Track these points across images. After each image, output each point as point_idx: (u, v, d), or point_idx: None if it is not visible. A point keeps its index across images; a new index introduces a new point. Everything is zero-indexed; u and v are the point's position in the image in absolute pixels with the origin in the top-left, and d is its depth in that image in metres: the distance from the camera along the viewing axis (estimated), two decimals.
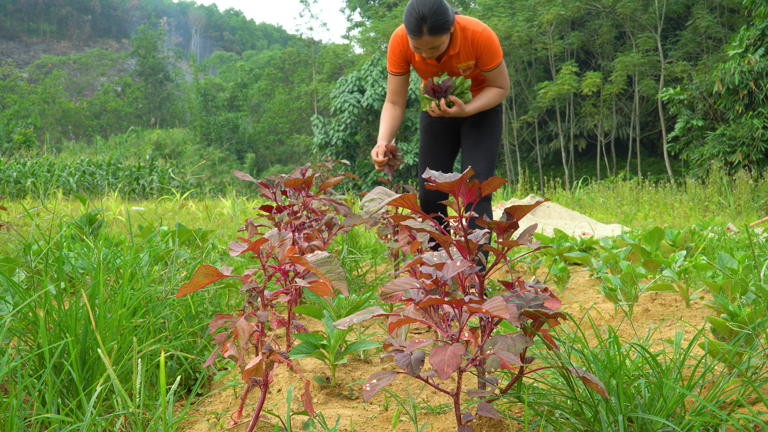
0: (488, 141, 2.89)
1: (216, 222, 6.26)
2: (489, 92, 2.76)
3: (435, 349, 0.97)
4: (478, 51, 2.65)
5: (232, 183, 22.08)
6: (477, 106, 2.70)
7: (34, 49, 79.36)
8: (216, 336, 1.20)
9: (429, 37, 2.50)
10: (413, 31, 2.51)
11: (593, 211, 10.64)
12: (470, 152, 2.89)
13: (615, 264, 2.71)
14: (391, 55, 2.86)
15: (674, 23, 28.53)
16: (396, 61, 2.84)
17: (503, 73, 2.76)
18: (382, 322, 2.13)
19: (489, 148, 2.88)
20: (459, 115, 2.66)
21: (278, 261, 1.18)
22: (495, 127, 2.92)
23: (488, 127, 2.90)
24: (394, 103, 2.96)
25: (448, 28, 2.52)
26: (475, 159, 2.85)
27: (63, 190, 12.84)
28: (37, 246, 2.46)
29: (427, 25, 2.47)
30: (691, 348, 1.43)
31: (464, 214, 1.19)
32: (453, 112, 2.64)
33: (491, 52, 2.66)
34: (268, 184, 2.06)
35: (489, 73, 2.72)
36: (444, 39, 2.55)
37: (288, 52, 45.82)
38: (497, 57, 2.69)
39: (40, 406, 1.13)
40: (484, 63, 2.68)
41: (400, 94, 2.93)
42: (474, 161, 2.84)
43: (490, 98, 2.75)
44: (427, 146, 3.04)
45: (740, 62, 13.73)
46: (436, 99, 2.64)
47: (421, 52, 2.61)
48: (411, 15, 2.50)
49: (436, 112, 2.64)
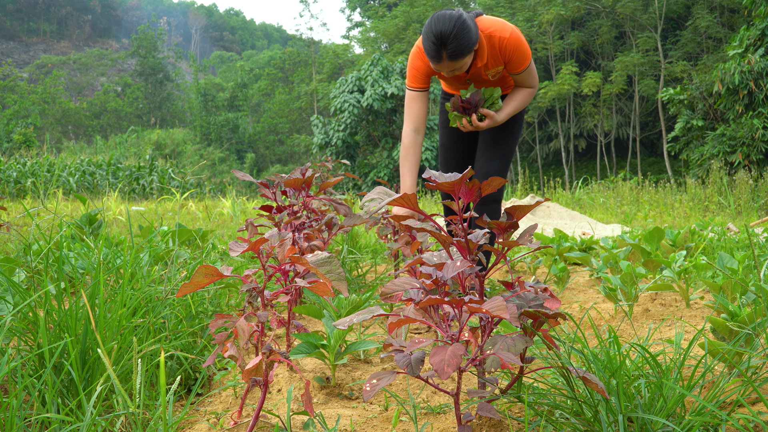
0: (507, 140, 2.72)
1: (216, 222, 6.26)
2: (519, 95, 2.58)
3: (435, 349, 0.97)
4: (506, 56, 2.45)
5: (232, 183, 22.08)
6: (509, 111, 2.54)
7: (34, 49, 79.35)
8: (216, 336, 1.20)
9: (449, 62, 2.27)
10: (432, 56, 2.27)
11: (593, 211, 10.64)
12: (487, 150, 2.72)
13: (615, 264, 2.71)
14: (412, 70, 2.57)
15: (674, 23, 28.52)
16: (420, 75, 2.56)
17: (533, 72, 2.57)
18: (382, 322, 2.13)
19: (507, 147, 2.72)
20: (492, 126, 2.51)
21: (278, 261, 1.18)
22: (516, 124, 2.75)
23: (509, 125, 2.73)
24: (417, 132, 2.60)
25: (472, 49, 2.28)
26: (491, 157, 2.69)
27: (63, 190, 12.84)
28: (37, 246, 2.46)
29: (448, 50, 2.23)
30: (691, 348, 1.44)
31: (464, 214, 1.19)
32: (485, 126, 2.47)
33: (521, 55, 2.46)
34: (268, 184, 2.06)
35: (519, 75, 2.54)
36: (467, 60, 2.31)
37: (288, 52, 45.82)
38: (527, 59, 2.49)
39: (40, 406, 1.13)
40: (514, 67, 2.49)
41: (423, 117, 2.61)
42: (490, 160, 2.69)
43: (521, 100, 2.58)
44: (450, 144, 2.86)
45: (740, 62, 13.73)
46: (467, 115, 2.47)
47: (442, 72, 2.41)
48: (429, 38, 2.24)
49: (468, 128, 2.48)
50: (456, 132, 2.82)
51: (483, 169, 2.69)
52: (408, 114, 2.61)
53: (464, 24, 2.22)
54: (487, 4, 29.87)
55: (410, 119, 2.60)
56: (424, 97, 2.60)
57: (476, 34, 2.28)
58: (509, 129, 2.72)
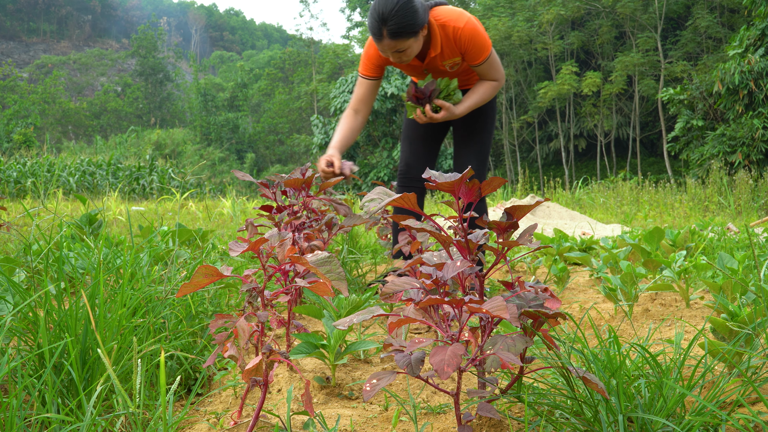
0: (481, 134, 2.70)
1: (216, 222, 6.26)
2: (481, 87, 2.53)
3: (435, 349, 0.97)
4: (462, 47, 2.40)
5: (232, 183, 22.09)
6: (469, 105, 2.49)
7: (34, 49, 79.37)
8: (216, 336, 1.20)
9: (390, 40, 2.25)
10: (373, 33, 2.28)
11: (593, 211, 10.64)
12: (462, 145, 2.71)
13: (615, 264, 2.71)
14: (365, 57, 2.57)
15: (674, 23, 28.54)
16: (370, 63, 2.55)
17: (494, 64, 2.51)
18: (382, 322, 2.13)
19: (481, 142, 2.70)
20: (448, 119, 2.47)
21: (278, 261, 1.18)
22: (489, 117, 2.70)
23: (481, 118, 2.69)
24: (356, 112, 2.64)
25: (416, 31, 2.26)
26: (466, 154, 2.68)
27: (63, 190, 12.84)
28: (37, 246, 2.46)
29: (388, 27, 2.22)
30: (691, 348, 1.44)
31: (464, 214, 1.19)
32: (441, 118, 2.43)
33: (478, 46, 2.40)
34: (268, 184, 2.06)
35: (479, 67, 2.48)
36: (411, 43, 2.28)
37: (288, 52, 45.85)
38: (485, 49, 2.43)
39: (40, 406, 1.13)
40: (471, 58, 2.44)
41: (366, 102, 2.62)
42: (467, 154, 2.68)
43: (483, 94, 2.52)
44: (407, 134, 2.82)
45: (740, 62, 13.74)
46: (421, 106, 2.44)
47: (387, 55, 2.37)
48: (372, 15, 2.25)
49: (423, 119, 2.45)
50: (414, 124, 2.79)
51: (462, 167, 2.68)
52: (352, 96, 2.65)
53: (408, 4, 2.21)
54: (487, 4, 29.89)
55: (353, 99, 2.64)
56: (372, 86, 2.59)
57: (423, 18, 2.26)
58: (479, 124, 2.68)
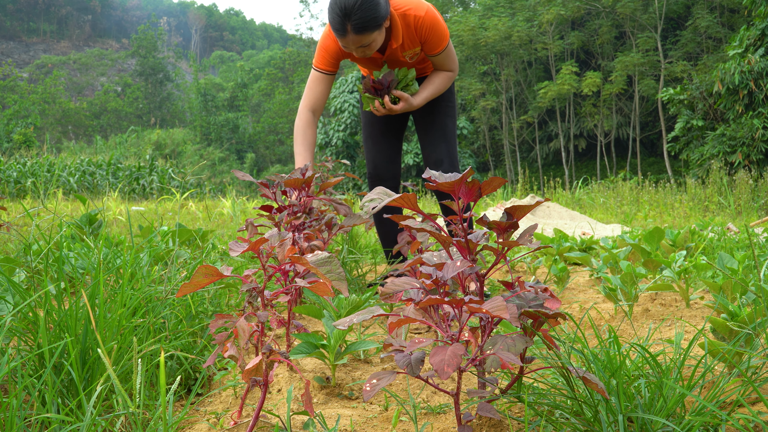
0: (444, 119, 2.62)
1: (216, 222, 6.26)
2: (437, 78, 2.48)
3: (435, 349, 0.97)
4: (422, 36, 2.35)
5: (232, 183, 22.09)
6: (426, 95, 2.44)
7: (34, 49, 79.39)
8: (216, 336, 1.20)
9: (355, 35, 2.18)
10: (337, 29, 2.19)
11: (593, 211, 10.64)
12: (427, 135, 2.64)
13: (615, 264, 2.71)
14: (321, 50, 2.44)
15: (674, 23, 28.53)
16: (329, 57, 2.43)
17: (451, 54, 2.47)
18: (382, 322, 2.13)
19: (445, 127, 2.62)
20: (407, 110, 2.42)
21: (278, 261, 1.18)
22: (449, 102, 2.64)
23: (442, 104, 2.62)
24: (314, 113, 2.49)
25: (380, 24, 2.19)
26: (434, 141, 2.61)
27: (63, 190, 12.84)
28: (37, 246, 2.46)
29: (352, 22, 2.15)
30: (691, 348, 1.44)
31: (464, 214, 1.19)
32: (399, 109, 2.38)
33: (437, 36, 2.36)
34: (268, 184, 2.06)
35: (436, 57, 2.43)
36: (375, 36, 2.22)
37: (288, 52, 45.86)
38: (444, 40, 2.39)
39: (40, 406, 1.13)
40: (430, 48, 2.39)
41: (323, 100, 2.51)
42: (433, 144, 2.61)
43: (440, 84, 2.47)
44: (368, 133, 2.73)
45: (740, 62, 13.74)
46: (379, 97, 2.39)
47: (351, 51, 2.29)
48: (333, 10, 2.16)
49: (381, 111, 2.40)
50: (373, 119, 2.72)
51: (431, 157, 2.63)
52: (307, 94, 2.49)
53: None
54: (487, 4, 29.89)
55: (308, 99, 2.48)
56: (328, 80, 2.48)
57: (385, 9, 2.21)
58: (441, 110, 2.63)
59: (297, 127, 2.47)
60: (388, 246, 2.88)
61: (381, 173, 2.74)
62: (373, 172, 2.76)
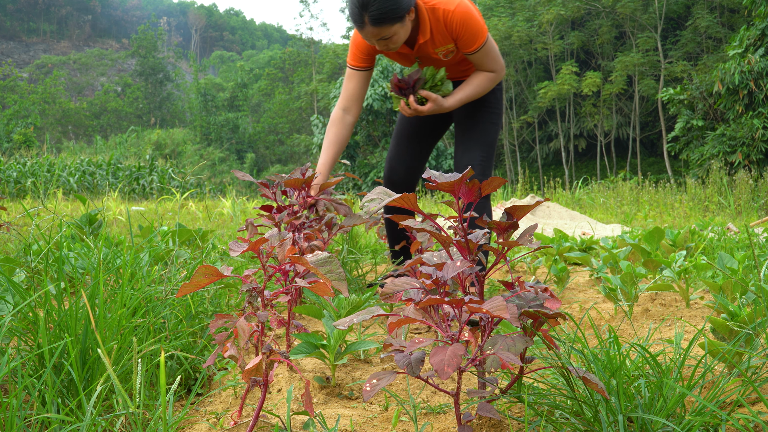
0: (484, 125, 2.46)
1: (216, 222, 6.26)
2: (476, 79, 2.31)
3: (435, 349, 0.97)
4: (454, 33, 2.20)
5: (232, 183, 22.09)
6: (460, 98, 2.28)
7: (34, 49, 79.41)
8: (216, 336, 1.20)
9: (372, 27, 2.07)
10: (355, 20, 2.09)
11: (593, 211, 10.64)
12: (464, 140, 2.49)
13: (615, 264, 2.71)
14: (352, 46, 2.35)
15: (674, 23, 28.54)
16: (359, 52, 2.34)
17: (491, 53, 2.28)
18: (382, 322, 2.13)
19: (486, 134, 2.46)
20: (436, 111, 2.26)
21: (278, 261, 1.18)
22: (493, 109, 2.49)
23: (485, 110, 2.47)
24: (346, 111, 2.40)
25: (400, 16, 2.07)
26: (470, 148, 2.44)
27: (63, 190, 12.85)
28: (37, 246, 2.46)
29: (369, 13, 2.04)
30: (691, 348, 1.44)
31: (464, 214, 1.19)
32: (427, 110, 2.23)
33: (471, 32, 2.19)
34: (268, 184, 2.06)
35: (473, 56, 2.26)
36: (396, 29, 2.10)
37: (288, 52, 45.88)
38: (480, 36, 2.21)
39: (40, 406, 1.13)
40: (464, 45, 2.22)
41: (358, 98, 2.40)
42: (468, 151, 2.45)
43: (478, 86, 2.30)
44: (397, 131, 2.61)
45: (740, 62, 13.74)
46: (404, 97, 2.25)
47: (372, 44, 2.19)
48: (351, 1, 2.08)
49: (408, 112, 2.26)
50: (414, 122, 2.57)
51: (462, 161, 2.47)
52: (341, 92, 2.42)
53: None
54: (488, 4, 29.91)
55: (341, 97, 2.41)
56: (362, 77, 2.38)
57: (408, 1, 2.09)
58: (481, 116, 2.47)
59: (328, 125, 2.43)
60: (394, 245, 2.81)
61: (394, 179, 2.62)
62: (387, 176, 2.65)
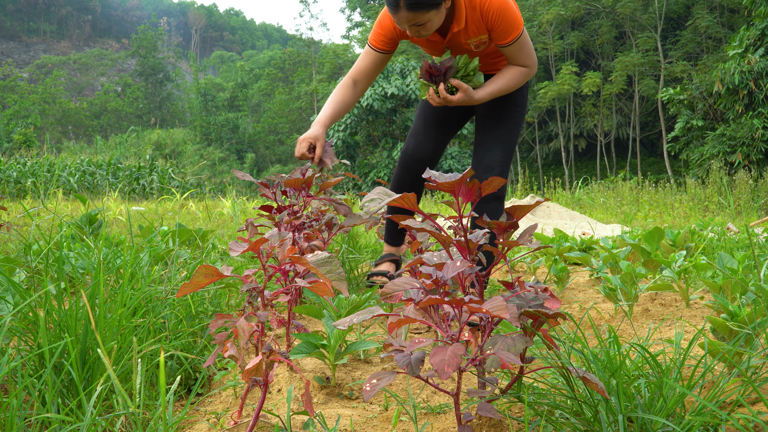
0: (508, 125, 2.39)
1: (216, 222, 6.26)
2: (508, 73, 2.24)
3: (435, 349, 0.97)
4: (489, 23, 2.13)
5: (232, 183, 22.09)
6: (491, 90, 2.21)
7: (34, 49, 79.42)
8: (216, 336, 1.20)
9: (407, 12, 2.01)
10: (389, 3, 2.02)
11: (593, 211, 10.64)
12: (485, 137, 2.42)
13: (615, 264, 2.71)
14: (378, 27, 2.30)
15: (674, 23, 28.55)
16: (383, 35, 2.28)
17: (525, 47, 2.21)
18: (382, 322, 2.13)
19: (509, 133, 2.39)
20: (466, 103, 2.19)
21: (278, 261, 1.18)
22: (517, 107, 2.42)
23: (510, 109, 2.40)
24: (355, 83, 2.36)
25: (437, 3, 2.01)
26: (492, 148, 2.38)
27: (63, 190, 12.85)
28: (37, 246, 2.46)
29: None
30: (691, 348, 1.44)
31: (465, 213, 1.19)
32: (456, 100, 2.16)
33: (507, 23, 2.12)
34: (268, 184, 2.06)
35: (506, 48, 2.19)
36: (431, 16, 2.04)
37: (288, 52, 45.87)
38: (516, 29, 2.14)
39: (40, 406, 1.13)
40: (498, 37, 2.16)
41: (369, 75, 2.35)
42: (490, 151, 2.38)
43: (510, 80, 2.24)
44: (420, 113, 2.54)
45: (740, 62, 13.75)
46: (434, 84, 2.19)
47: (404, 29, 2.12)
48: None
49: (436, 100, 2.18)
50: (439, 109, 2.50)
51: (483, 161, 2.40)
52: (356, 63, 2.36)
53: None
54: None
55: (354, 69, 2.35)
56: (378, 58, 2.32)
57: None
58: (506, 114, 2.41)
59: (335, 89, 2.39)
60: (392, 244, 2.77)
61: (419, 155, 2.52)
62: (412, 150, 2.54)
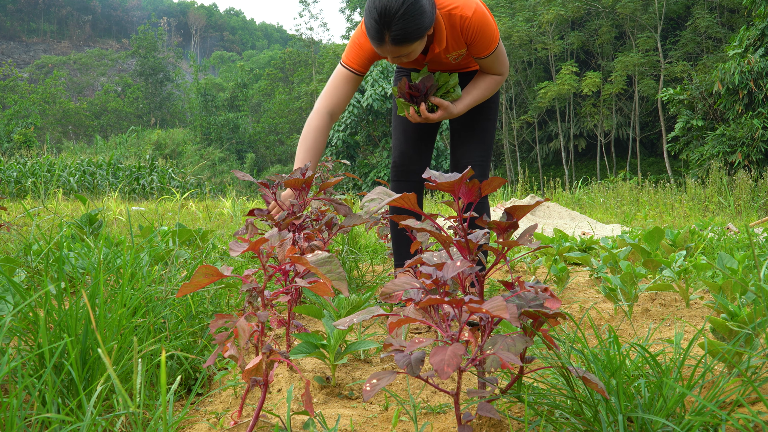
0: (483, 123, 2.36)
1: (216, 222, 6.26)
2: (482, 83, 2.21)
3: (435, 349, 0.97)
4: (469, 38, 2.08)
5: (233, 183, 22.10)
6: (468, 103, 2.17)
7: (34, 49, 79.44)
8: (216, 336, 1.20)
9: (393, 47, 1.91)
10: (373, 36, 1.90)
11: (593, 211, 10.64)
12: (462, 137, 2.37)
13: (615, 264, 2.71)
14: (355, 46, 2.14)
15: (674, 23, 28.55)
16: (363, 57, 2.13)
17: (500, 56, 2.17)
18: (382, 322, 2.13)
19: (484, 132, 2.36)
20: (446, 118, 2.15)
21: (278, 261, 1.18)
22: (492, 104, 2.38)
23: (484, 108, 2.36)
24: (332, 115, 2.16)
25: (422, 34, 1.91)
26: (470, 148, 2.35)
27: (63, 190, 12.85)
28: (37, 246, 2.46)
29: (392, 32, 1.86)
30: (691, 348, 1.44)
31: (464, 214, 1.19)
32: (437, 117, 2.12)
33: (486, 38, 2.07)
34: (268, 184, 2.06)
35: (484, 60, 2.16)
36: (416, 46, 1.94)
37: (288, 52, 45.88)
38: (494, 42, 2.10)
39: (40, 406, 1.13)
40: (477, 51, 2.11)
41: (345, 102, 2.18)
42: (468, 151, 2.36)
43: (485, 90, 2.21)
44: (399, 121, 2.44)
45: (740, 62, 13.75)
46: (415, 104, 2.12)
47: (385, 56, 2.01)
48: (371, 14, 1.87)
49: (416, 119, 2.12)
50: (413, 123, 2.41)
51: (462, 161, 2.37)
52: (330, 92, 2.16)
53: (416, 3, 1.84)
54: (488, 4, 29.90)
55: (330, 98, 2.15)
56: (356, 81, 2.17)
57: (431, 16, 1.91)
58: (482, 112, 2.36)
59: (308, 129, 2.15)
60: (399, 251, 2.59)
61: (408, 166, 2.42)
62: (399, 162, 2.43)
